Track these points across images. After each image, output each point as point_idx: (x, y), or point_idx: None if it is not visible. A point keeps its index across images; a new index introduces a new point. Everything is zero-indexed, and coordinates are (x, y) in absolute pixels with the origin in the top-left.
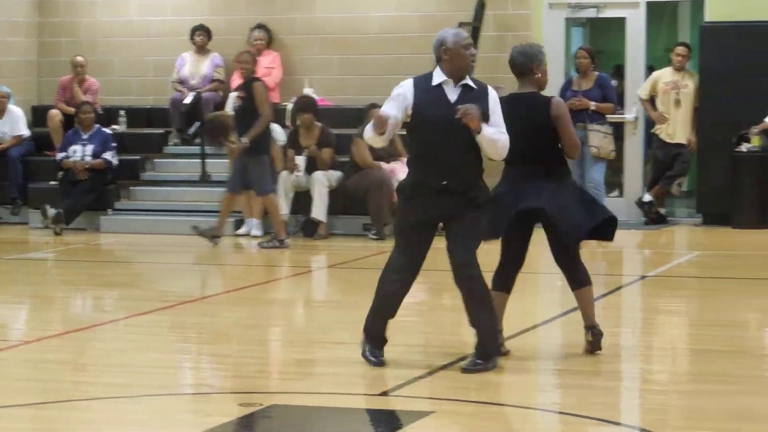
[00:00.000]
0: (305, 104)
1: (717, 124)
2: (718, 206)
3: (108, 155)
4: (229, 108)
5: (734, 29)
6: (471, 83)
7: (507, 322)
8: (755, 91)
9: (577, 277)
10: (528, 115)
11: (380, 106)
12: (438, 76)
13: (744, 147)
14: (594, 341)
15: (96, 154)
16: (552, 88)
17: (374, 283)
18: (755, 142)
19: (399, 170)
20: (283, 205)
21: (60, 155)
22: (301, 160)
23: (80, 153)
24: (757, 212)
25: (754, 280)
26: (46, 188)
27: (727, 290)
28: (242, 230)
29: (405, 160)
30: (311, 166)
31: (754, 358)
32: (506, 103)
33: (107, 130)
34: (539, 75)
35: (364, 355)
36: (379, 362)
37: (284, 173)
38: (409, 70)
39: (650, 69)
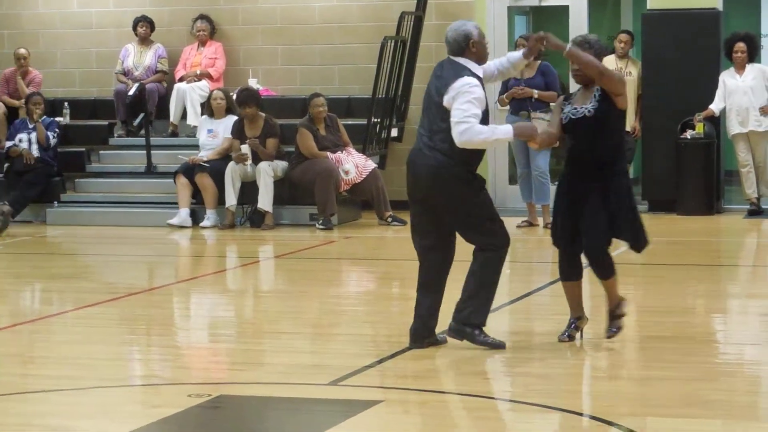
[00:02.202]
0: (246, 97)
1: (661, 111)
2: (663, 193)
3: (50, 133)
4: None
5: (676, 17)
6: None
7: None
8: (698, 78)
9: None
10: None
11: (322, 95)
12: (475, 69)
13: (688, 134)
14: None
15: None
16: None
17: (321, 272)
18: (699, 129)
19: (344, 160)
20: (231, 196)
21: (8, 144)
22: (246, 150)
23: (26, 142)
24: (701, 199)
25: (700, 266)
26: None
27: (672, 277)
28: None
29: (350, 149)
30: (257, 157)
31: (701, 344)
32: None
33: (55, 119)
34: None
35: (492, 342)
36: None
37: (231, 164)
38: (353, 59)
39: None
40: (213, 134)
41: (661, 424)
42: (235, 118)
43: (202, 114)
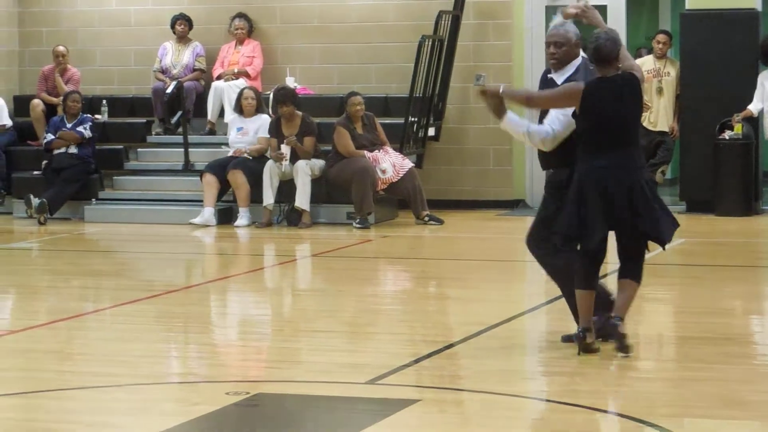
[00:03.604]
0: (283, 96)
1: (699, 111)
2: (701, 194)
3: (81, 128)
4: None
5: (714, 17)
6: (555, 77)
7: (493, 308)
8: (737, 79)
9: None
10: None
11: (360, 94)
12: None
13: (726, 134)
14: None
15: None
16: (533, 76)
17: (358, 271)
18: (738, 129)
19: (381, 159)
20: (269, 194)
21: (48, 137)
22: (285, 149)
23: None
24: (739, 200)
25: (738, 267)
26: (30, 178)
27: (711, 278)
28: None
29: (387, 148)
30: (294, 156)
31: (739, 345)
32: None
33: (86, 115)
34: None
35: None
36: None
37: (269, 162)
38: (389, 59)
39: (636, 56)
40: (243, 132)
41: (698, 425)
42: (265, 116)
43: (221, 115)
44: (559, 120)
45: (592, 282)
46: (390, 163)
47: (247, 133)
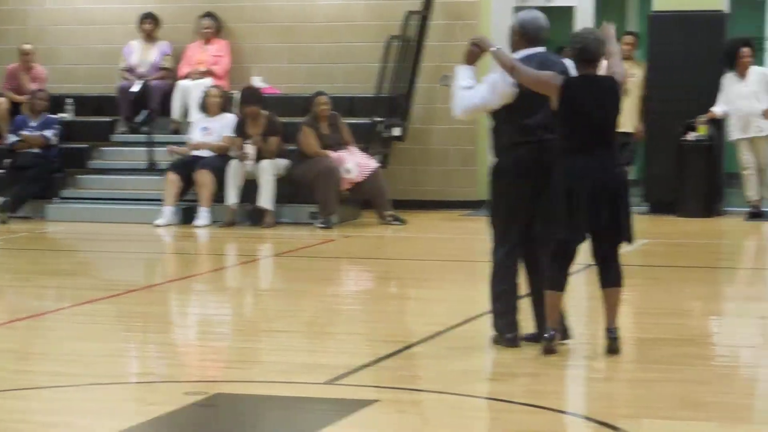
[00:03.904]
0: (249, 96)
1: (664, 113)
2: (665, 195)
3: (48, 132)
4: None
5: (682, 18)
6: None
7: (455, 309)
8: (702, 80)
9: (617, 276)
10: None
11: (326, 94)
12: None
13: (691, 136)
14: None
15: None
16: None
17: (320, 271)
18: (702, 131)
19: (346, 159)
20: (232, 194)
21: (12, 138)
22: (250, 149)
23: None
24: (702, 201)
25: (699, 268)
26: None
27: (671, 279)
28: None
29: (352, 148)
30: (259, 155)
31: (699, 346)
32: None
33: (53, 116)
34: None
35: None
36: None
37: (234, 162)
38: (357, 58)
39: None
40: (208, 132)
41: (657, 426)
42: (230, 115)
43: (186, 115)
44: (484, 94)
45: (563, 283)
46: (354, 163)
47: (211, 133)
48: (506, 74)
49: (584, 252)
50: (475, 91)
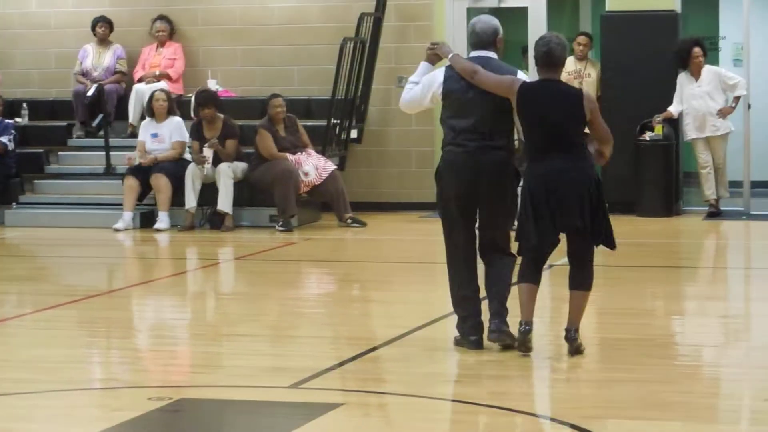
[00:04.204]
0: (205, 99)
1: (620, 113)
2: (623, 195)
3: (4, 138)
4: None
5: (634, 18)
6: None
7: (417, 311)
8: (657, 80)
9: (585, 279)
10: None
11: (281, 96)
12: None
13: (647, 135)
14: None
15: None
16: None
17: (281, 275)
18: (658, 130)
19: (304, 161)
20: (191, 197)
21: None
22: (207, 152)
23: None
24: (660, 201)
25: (659, 268)
26: None
27: (632, 278)
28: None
29: (310, 150)
30: (216, 159)
31: (660, 346)
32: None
33: (9, 120)
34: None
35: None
36: None
37: (191, 165)
38: (312, 60)
39: None
40: (159, 138)
41: (621, 426)
42: (177, 119)
43: (143, 117)
44: (418, 91)
45: (537, 276)
46: (312, 166)
47: (163, 139)
48: (439, 76)
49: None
50: (415, 87)
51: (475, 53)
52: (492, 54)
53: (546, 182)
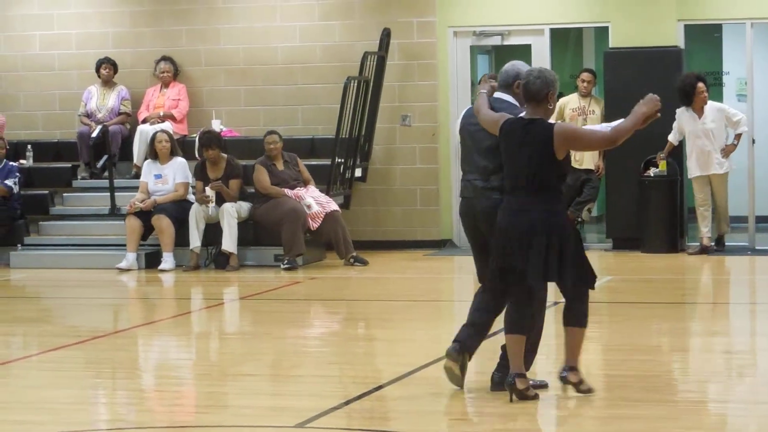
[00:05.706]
0: (208, 139)
1: (624, 149)
2: (628, 231)
3: (9, 182)
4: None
5: (638, 54)
6: None
7: (421, 349)
8: (661, 116)
9: (574, 316)
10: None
11: (277, 132)
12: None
13: (651, 172)
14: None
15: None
16: (458, 116)
17: (286, 314)
18: (662, 167)
19: (303, 194)
20: (195, 237)
21: None
22: (211, 192)
23: None
24: (665, 237)
25: (664, 304)
26: None
27: (637, 315)
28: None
29: (311, 187)
30: (220, 198)
31: (665, 383)
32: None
33: (13, 163)
34: (551, 106)
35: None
36: None
37: (195, 205)
38: (315, 100)
39: (558, 95)
40: (163, 180)
41: None
42: (180, 159)
43: (146, 158)
44: None
45: (523, 326)
46: (312, 198)
47: (166, 180)
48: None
49: (549, 291)
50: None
51: (496, 95)
52: (507, 97)
53: (500, 220)
